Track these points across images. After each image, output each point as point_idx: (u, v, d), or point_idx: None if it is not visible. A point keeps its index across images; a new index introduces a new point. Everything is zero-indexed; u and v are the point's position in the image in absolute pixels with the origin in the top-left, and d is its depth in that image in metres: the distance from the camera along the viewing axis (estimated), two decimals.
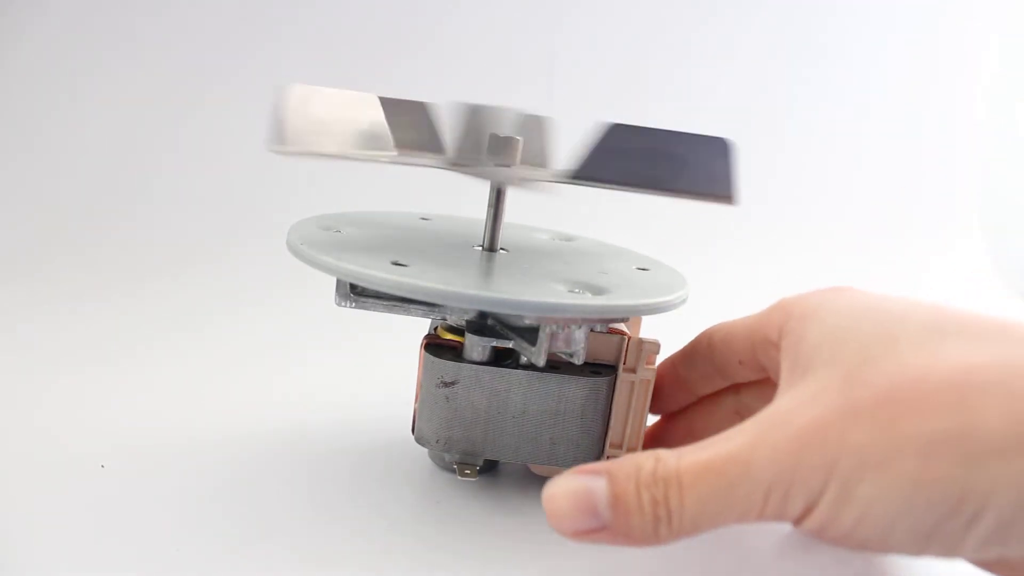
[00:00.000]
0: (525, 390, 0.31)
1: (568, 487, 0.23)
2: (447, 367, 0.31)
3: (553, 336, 0.28)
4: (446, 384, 0.31)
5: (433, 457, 0.35)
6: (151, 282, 0.65)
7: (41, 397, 0.44)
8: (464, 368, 0.31)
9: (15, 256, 0.68)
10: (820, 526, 0.21)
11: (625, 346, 0.31)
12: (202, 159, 0.78)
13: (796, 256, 0.69)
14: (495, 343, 0.30)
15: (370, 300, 0.32)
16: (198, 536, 0.30)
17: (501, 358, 0.31)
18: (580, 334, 0.28)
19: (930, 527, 0.19)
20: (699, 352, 0.31)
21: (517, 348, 0.30)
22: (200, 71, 0.80)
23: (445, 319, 0.33)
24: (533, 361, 0.29)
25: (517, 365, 0.31)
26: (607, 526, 0.22)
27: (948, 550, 0.20)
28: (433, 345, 0.32)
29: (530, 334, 0.29)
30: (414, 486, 0.34)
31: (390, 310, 0.32)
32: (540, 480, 0.34)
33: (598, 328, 0.30)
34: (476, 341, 0.31)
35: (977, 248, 0.72)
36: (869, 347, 0.21)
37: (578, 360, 0.29)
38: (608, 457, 0.32)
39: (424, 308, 0.32)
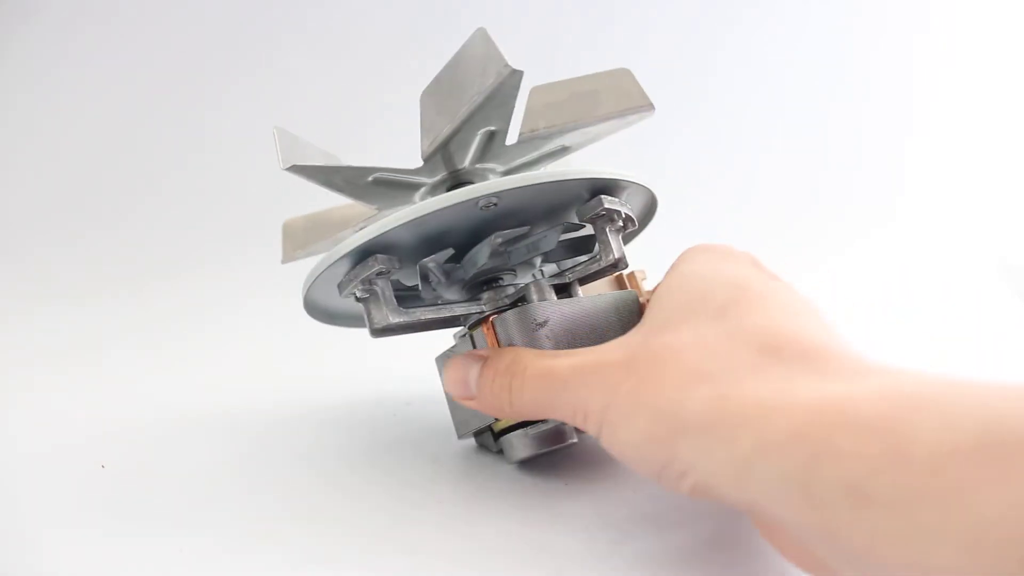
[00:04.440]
0: (595, 306, 0.32)
1: (457, 363, 0.31)
2: (538, 308, 0.31)
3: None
4: (540, 325, 0.31)
5: (483, 443, 0.36)
6: (153, 283, 0.65)
7: (41, 397, 0.44)
8: (548, 305, 0.31)
9: (16, 256, 0.68)
10: (605, 447, 0.26)
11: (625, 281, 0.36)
12: (200, 160, 0.78)
13: (793, 249, 0.69)
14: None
15: (397, 327, 0.32)
16: (200, 536, 0.30)
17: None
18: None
19: (656, 472, 0.24)
20: None
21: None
22: (201, 71, 0.80)
23: (483, 312, 0.33)
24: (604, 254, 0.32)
25: (569, 294, 0.33)
26: (474, 396, 0.30)
27: (677, 489, 0.24)
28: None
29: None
30: (416, 485, 0.34)
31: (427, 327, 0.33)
32: (541, 483, 0.34)
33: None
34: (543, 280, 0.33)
35: (978, 248, 0.72)
36: (669, 317, 0.26)
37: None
38: None
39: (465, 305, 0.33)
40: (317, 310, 0.37)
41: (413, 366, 0.41)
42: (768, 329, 0.24)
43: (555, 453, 0.35)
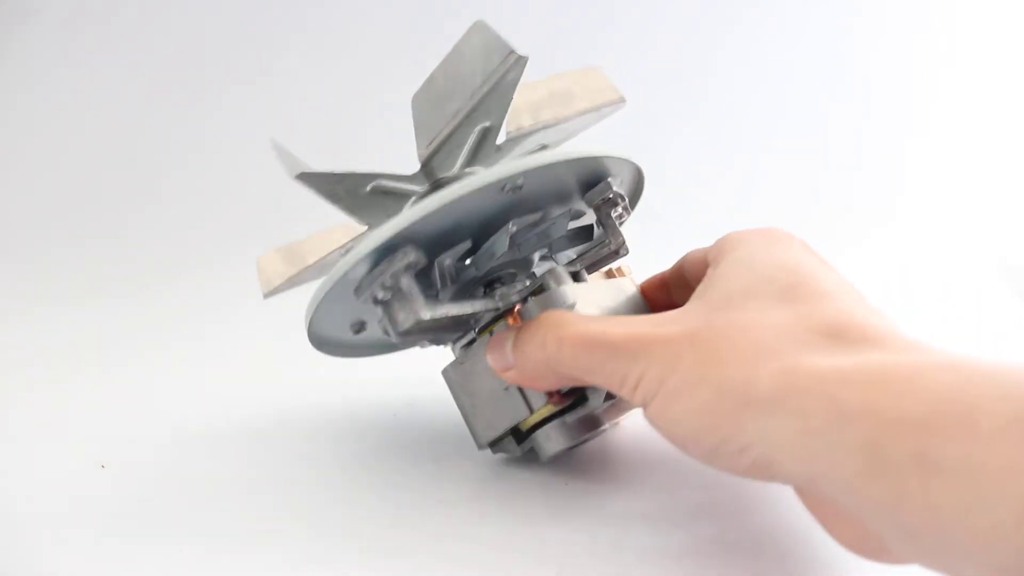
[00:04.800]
0: (609, 290, 0.33)
1: (496, 336, 0.31)
2: (566, 292, 0.31)
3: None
4: (569, 308, 0.31)
5: (504, 450, 0.35)
6: (152, 284, 0.65)
7: (41, 397, 0.44)
8: (570, 288, 0.31)
9: (16, 256, 0.67)
10: (650, 419, 0.26)
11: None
12: (201, 161, 0.78)
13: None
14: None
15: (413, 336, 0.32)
16: (201, 536, 0.30)
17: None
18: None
19: (713, 447, 0.24)
20: (676, 271, 0.35)
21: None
22: (202, 74, 0.80)
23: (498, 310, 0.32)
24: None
25: (578, 278, 0.33)
26: (511, 365, 0.30)
27: (730, 466, 0.24)
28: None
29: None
30: (416, 485, 0.34)
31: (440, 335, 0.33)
32: (541, 483, 0.34)
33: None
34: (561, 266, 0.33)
35: (978, 248, 0.72)
36: (730, 296, 0.26)
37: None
38: None
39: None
40: (314, 335, 0.35)
41: (414, 368, 0.41)
42: (830, 313, 0.25)
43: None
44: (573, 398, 0.31)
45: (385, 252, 0.28)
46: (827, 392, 0.22)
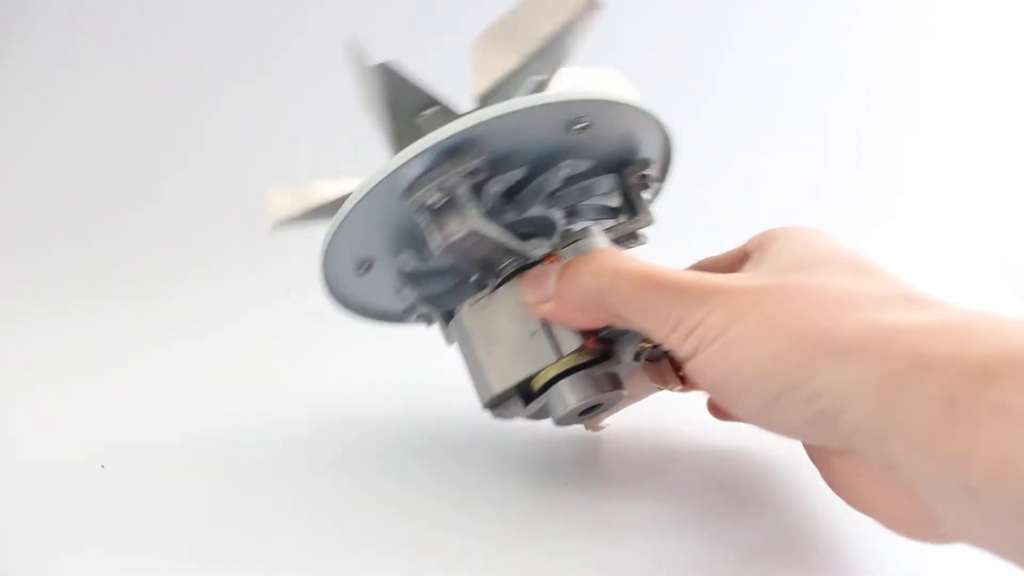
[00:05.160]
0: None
1: (535, 269, 0.30)
2: (603, 243, 0.31)
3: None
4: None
5: (508, 414, 0.32)
6: (154, 284, 0.65)
7: (42, 397, 0.44)
8: (611, 244, 0.31)
9: (17, 257, 0.68)
10: (699, 369, 0.26)
11: None
12: (203, 161, 0.78)
13: None
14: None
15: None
16: (202, 536, 0.30)
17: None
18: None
19: (776, 395, 0.24)
20: None
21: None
22: (202, 74, 0.80)
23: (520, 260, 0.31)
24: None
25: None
26: (551, 297, 0.29)
27: (790, 417, 0.24)
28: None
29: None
30: (415, 484, 0.34)
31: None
32: (541, 483, 0.34)
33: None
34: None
35: (978, 248, 0.72)
36: (798, 264, 0.27)
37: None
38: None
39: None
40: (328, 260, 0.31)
41: (414, 369, 0.41)
42: (900, 282, 0.26)
43: (559, 449, 0.35)
44: (604, 349, 0.30)
45: (446, 154, 0.27)
46: (909, 341, 0.22)
